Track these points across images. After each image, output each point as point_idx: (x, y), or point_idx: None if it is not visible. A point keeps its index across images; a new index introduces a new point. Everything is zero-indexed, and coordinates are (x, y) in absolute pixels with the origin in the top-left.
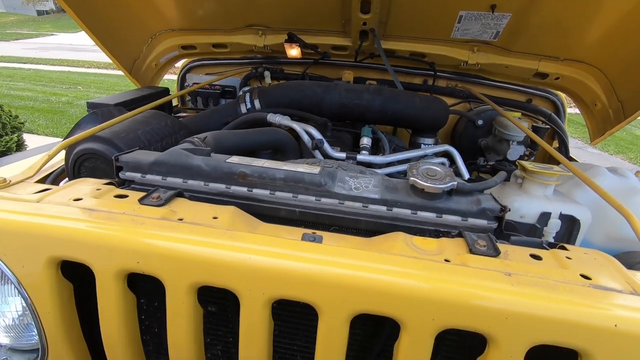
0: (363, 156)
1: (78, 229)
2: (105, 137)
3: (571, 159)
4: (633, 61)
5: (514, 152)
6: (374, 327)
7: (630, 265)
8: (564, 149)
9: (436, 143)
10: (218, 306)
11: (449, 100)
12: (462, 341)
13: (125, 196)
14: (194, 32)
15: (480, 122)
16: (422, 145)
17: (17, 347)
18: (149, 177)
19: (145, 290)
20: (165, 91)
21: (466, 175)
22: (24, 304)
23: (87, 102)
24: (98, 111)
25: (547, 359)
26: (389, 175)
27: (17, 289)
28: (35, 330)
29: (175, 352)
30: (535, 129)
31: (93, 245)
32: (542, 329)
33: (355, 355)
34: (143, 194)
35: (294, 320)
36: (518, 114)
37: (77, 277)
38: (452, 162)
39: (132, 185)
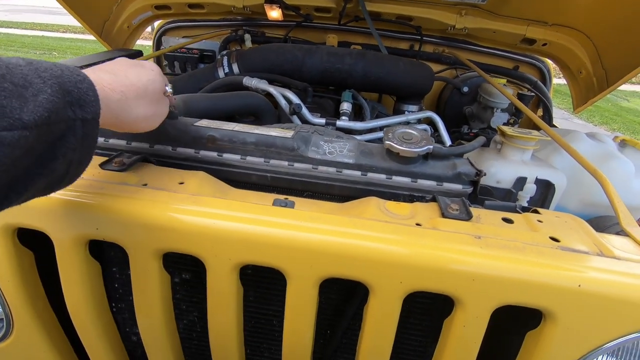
0: (343, 122)
1: None
2: None
3: (553, 127)
4: (621, 28)
5: (498, 119)
6: (348, 291)
7: (602, 229)
8: (547, 117)
9: (420, 110)
10: (192, 273)
11: (435, 67)
12: (434, 304)
13: None
14: None
15: (465, 89)
16: (406, 112)
17: None
18: (113, 141)
19: (117, 259)
20: (138, 53)
21: (448, 143)
22: None
23: None
24: None
25: (512, 319)
26: (370, 141)
27: None
28: None
29: (143, 320)
30: (520, 97)
31: (48, 211)
32: (508, 290)
33: (330, 319)
34: (105, 158)
35: (269, 286)
36: (503, 81)
37: (39, 245)
38: (436, 129)
39: (95, 150)
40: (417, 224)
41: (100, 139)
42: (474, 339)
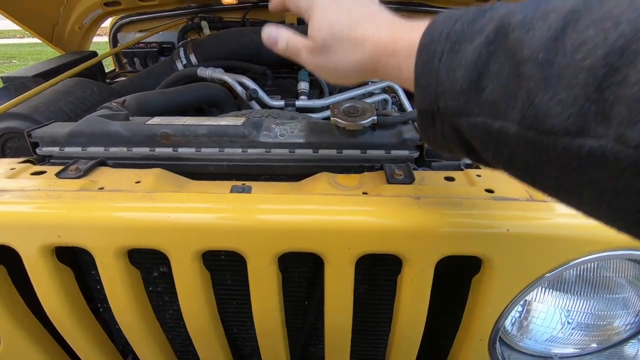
0: (302, 101)
1: None
2: (22, 113)
3: None
4: None
5: None
6: (318, 263)
7: None
8: None
9: (382, 80)
10: (168, 265)
11: None
12: (395, 263)
13: (43, 172)
14: None
15: None
16: (370, 83)
17: None
18: (68, 149)
19: (92, 261)
20: (92, 54)
21: (409, 108)
22: None
23: (1, 77)
24: (10, 85)
25: (457, 268)
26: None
27: None
28: None
29: (121, 317)
30: None
31: (8, 225)
32: (446, 243)
33: (306, 290)
34: (62, 167)
35: (242, 267)
36: None
37: (9, 257)
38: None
39: (52, 161)
40: (364, 193)
41: (55, 149)
42: (422, 290)
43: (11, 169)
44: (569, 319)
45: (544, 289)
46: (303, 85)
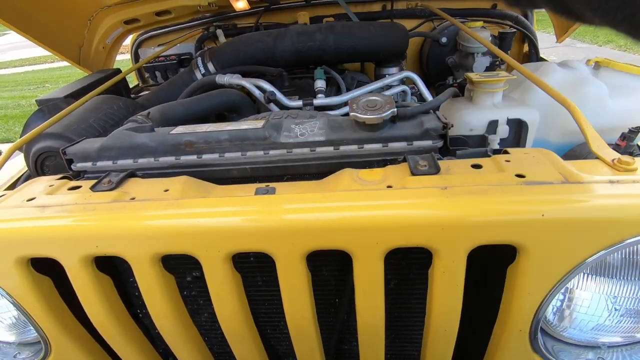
0: (319, 100)
1: (33, 227)
2: (56, 132)
3: (541, 60)
4: None
5: (480, 64)
6: (347, 260)
7: (584, 155)
8: (533, 50)
9: (401, 71)
10: (201, 270)
11: (412, 22)
12: (427, 256)
13: (79, 187)
14: (132, 4)
15: (444, 39)
16: (387, 76)
17: (23, 342)
18: (100, 163)
19: (130, 269)
20: (116, 72)
21: (429, 98)
22: (11, 304)
23: (36, 100)
24: (44, 107)
25: (493, 257)
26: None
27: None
28: (31, 325)
29: (159, 321)
30: (502, 35)
31: (51, 239)
32: (477, 232)
33: (335, 288)
34: (95, 181)
35: (272, 268)
36: (479, 24)
37: (54, 269)
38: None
39: (86, 175)
40: (389, 187)
41: (88, 164)
42: (455, 282)
43: (50, 186)
44: (616, 305)
45: (586, 275)
46: (320, 84)
